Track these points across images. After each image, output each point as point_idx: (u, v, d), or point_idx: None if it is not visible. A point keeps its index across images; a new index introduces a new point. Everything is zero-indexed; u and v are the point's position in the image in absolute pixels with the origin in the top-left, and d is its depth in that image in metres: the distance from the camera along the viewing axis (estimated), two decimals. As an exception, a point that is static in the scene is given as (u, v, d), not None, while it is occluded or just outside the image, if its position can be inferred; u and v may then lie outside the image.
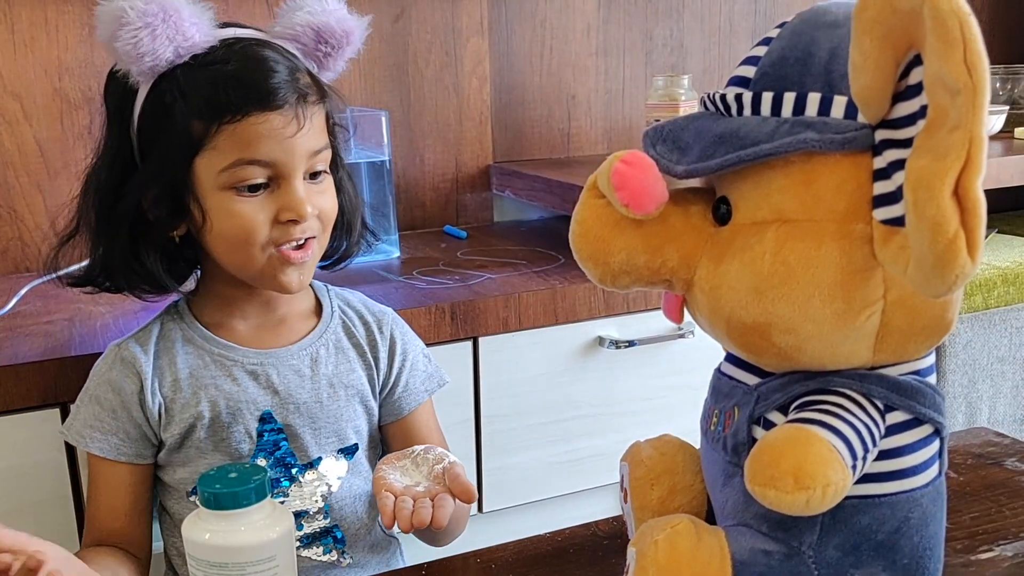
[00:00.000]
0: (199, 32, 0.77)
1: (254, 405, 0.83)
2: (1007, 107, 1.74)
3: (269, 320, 0.87)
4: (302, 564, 0.84)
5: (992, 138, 1.72)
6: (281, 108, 0.77)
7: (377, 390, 0.90)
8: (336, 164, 0.87)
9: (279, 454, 0.84)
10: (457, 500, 0.72)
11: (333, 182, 0.85)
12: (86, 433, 0.82)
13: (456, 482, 0.72)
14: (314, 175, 0.82)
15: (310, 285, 0.91)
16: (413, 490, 0.73)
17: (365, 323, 0.91)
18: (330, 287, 0.93)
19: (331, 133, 0.85)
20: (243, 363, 0.84)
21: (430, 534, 0.83)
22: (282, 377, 0.85)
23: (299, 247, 0.80)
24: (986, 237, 1.85)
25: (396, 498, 0.71)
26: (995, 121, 1.70)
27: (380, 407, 0.91)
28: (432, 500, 0.71)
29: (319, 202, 0.81)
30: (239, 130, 0.76)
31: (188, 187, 0.79)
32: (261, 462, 0.83)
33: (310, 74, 0.82)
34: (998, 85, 1.83)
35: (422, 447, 0.78)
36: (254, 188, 0.78)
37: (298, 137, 0.78)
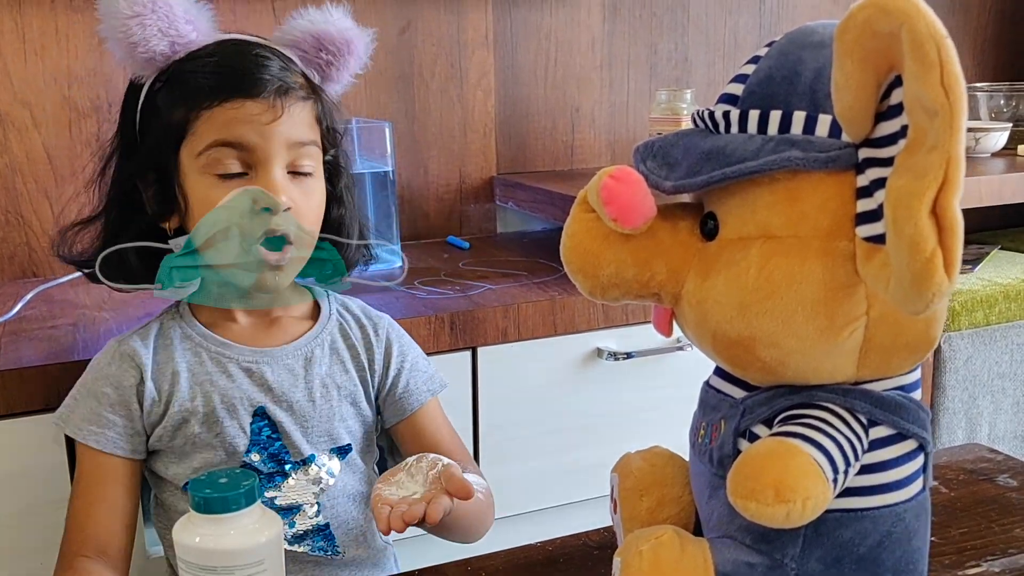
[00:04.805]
0: (196, 31, 0.81)
1: (248, 401, 0.85)
2: (1010, 124, 1.74)
3: (263, 320, 0.89)
4: (295, 557, 0.85)
5: (995, 155, 1.72)
6: (259, 96, 0.79)
7: (372, 393, 0.91)
8: (336, 176, 0.89)
9: (272, 449, 0.85)
10: (456, 499, 0.72)
11: (323, 191, 0.86)
12: (83, 427, 0.83)
13: (451, 481, 0.72)
14: (298, 174, 0.83)
15: (310, 289, 0.93)
16: (409, 500, 0.73)
17: (362, 326, 0.92)
18: (330, 291, 0.94)
19: (327, 139, 0.86)
20: (238, 360, 0.86)
21: (454, 532, 0.83)
22: (276, 375, 0.86)
23: (274, 251, 0.81)
24: (988, 254, 1.85)
25: (392, 509, 0.71)
26: (998, 138, 1.70)
27: (384, 408, 0.92)
28: (427, 503, 0.71)
29: (300, 200, 0.82)
30: (216, 115, 0.80)
31: (175, 175, 0.82)
32: (255, 457, 0.85)
33: (304, 76, 0.84)
34: (1002, 102, 1.84)
35: (414, 457, 0.78)
36: (230, 175, 0.80)
37: (275, 125, 0.79)
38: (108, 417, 0.83)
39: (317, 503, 0.86)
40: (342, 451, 0.88)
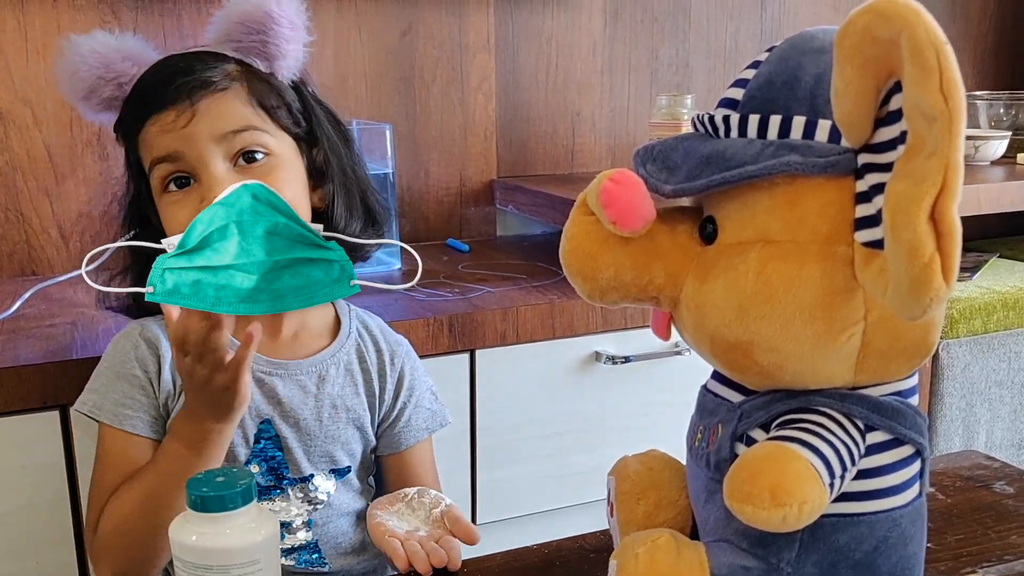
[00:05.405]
0: (135, 64, 0.84)
1: (255, 411, 0.84)
2: (1009, 133, 1.74)
3: (282, 333, 0.87)
4: (283, 571, 0.85)
5: (994, 163, 1.73)
6: (168, 104, 0.81)
7: (376, 419, 0.91)
8: (313, 146, 0.88)
9: (272, 463, 0.85)
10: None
11: (292, 171, 0.84)
12: (119, 411, 0.82)
13: (457, 524, 0.73)
14: (248, 159, 0.82)
15: (332, 302, 0.91)
16: (416, 535, 0.73)
17: (379, 351, 0.91)
18: (352, 306, 0.93)
19: (277, 116, 0.84)
20: (252, 368, 0.84)
21: None
22: (287, 389, 0.85)
23: None
24: (986, 262, 1.85)
25: (403, 543, 0.71)
26: (997, 146, 1.71)
27: (379, 438, 0.92)
28: (439, 544, 0.71)
29: None
30: (144, 137, 0.83)
31: (148, 201, 0.86)
32: (255, 468, 0.84)
33: (241, 64, 0.84)
34: (1002, 111, 1.84)
35: (414, 490, 0.78)
36: (180, 185, 0.82)
37: (191, 126, 0.80)
38: (140, 400, 0.83)
39: (309, 520, 0.86)
40: (341, 472, 0.88)
